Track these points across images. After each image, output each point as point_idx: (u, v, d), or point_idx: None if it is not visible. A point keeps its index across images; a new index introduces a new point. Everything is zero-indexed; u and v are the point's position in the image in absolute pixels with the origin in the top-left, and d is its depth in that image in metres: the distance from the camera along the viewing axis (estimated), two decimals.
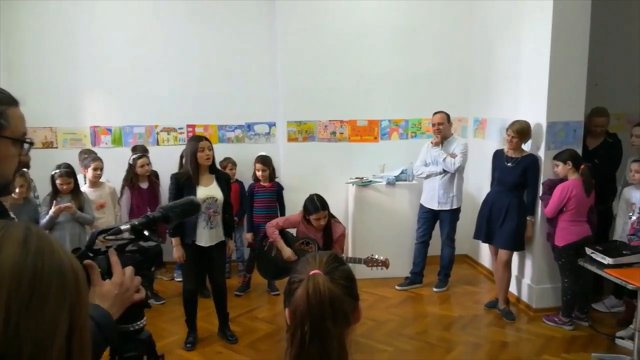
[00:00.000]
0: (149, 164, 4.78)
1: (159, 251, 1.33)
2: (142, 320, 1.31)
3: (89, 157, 4.64)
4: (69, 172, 4.09)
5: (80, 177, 4.67)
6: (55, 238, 0.74)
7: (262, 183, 5.01)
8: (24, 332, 0.63)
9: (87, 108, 5.60)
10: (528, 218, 4.39)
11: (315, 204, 3.95)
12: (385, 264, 3.93)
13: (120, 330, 1.27)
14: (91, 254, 1.25)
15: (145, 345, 1.31)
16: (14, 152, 1.22)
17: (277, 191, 5.06)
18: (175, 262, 5.27)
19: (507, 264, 4.46)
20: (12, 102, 1.24)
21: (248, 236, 5.01)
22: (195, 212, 1.52)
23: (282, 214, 4.95)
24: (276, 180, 5.14)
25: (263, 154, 5.15)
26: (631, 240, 4.07)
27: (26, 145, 1.25)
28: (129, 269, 1.23)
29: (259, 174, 4.99)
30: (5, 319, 0.62)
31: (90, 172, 4.50)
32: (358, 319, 1.17)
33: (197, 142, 3.83)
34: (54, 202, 4.02)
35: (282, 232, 4.18)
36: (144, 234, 1.33)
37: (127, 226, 1.30)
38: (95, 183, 4.55)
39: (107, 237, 1.28)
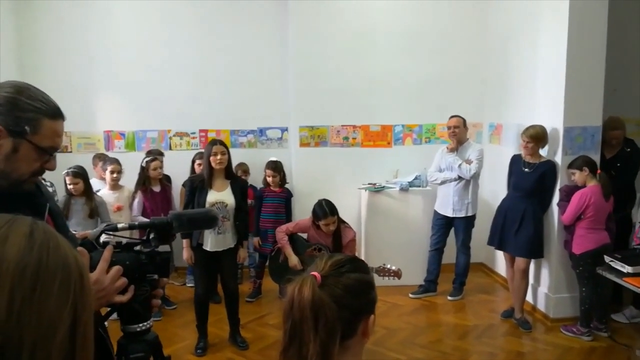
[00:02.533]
0: (161, 167, 4.80)
1: (166, 258, 1.32)
2: (148, 322, 1.31)
3: (107, 160, 4.68)
4: (76, 173, 4.13)
5: (95, 181, 4.72)
6: (60, 234, 0.74)
7: (272, 188, 4.99)
8: (25, 323, 0.63)
9: (101, 112, 5.65)
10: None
11: (324, 210, 3.92)
12: (397, 274, 3.88)
13: (127, 331, 1.28)
14: (98, 247, 1.26)
15: (151, 347, 1.31)
16: (34, 157, 1.27)
17: (287, 197, 5.04)
18: (187, 267, 5.30)
19: (525, 272, 4.36)
20: (52, 115, 1.29)
21: (255, 241, 5.00)
22: (210, 226, 1.49)
23: (289, 220, 4.92)
24: (286, 186, 5.11)
25: (274, 159, 5.14)
26: None
27: (46, 156, 1.30)
28: (115, 269, 1.22)
29: (269, 179, 4.98)
30: (8, 308, 0.63)
31: (108, 175, 4.54)
32: (364, 334, 1.09)
33: (211, 146, 3.84)
34: (68, 205, 4.08)
35: (294, 237, 4.15)
36: (150, 237, 1.32)
37: (125, 225, 1.30)
38: (114, 186, 4.59)
39: (104, 233, 1.29)
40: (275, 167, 4.98)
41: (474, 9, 5.53)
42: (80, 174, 4.15)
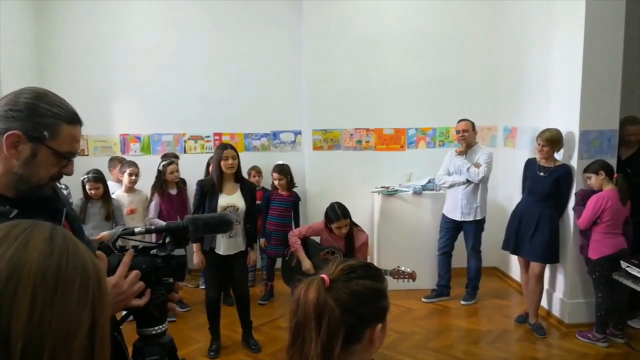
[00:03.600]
0: (177, 170, 4.84)
1: (182, 262, 1.34)
2: (163, 325, 1.32)
3: (126, 162, 4.74)
4: (97, 178, 4.20)
5: (111, 184, 4.78)
6: (78, 239, 0.76)
7: (280, 191, 4.99)
8: (47, 325, 0.65)
9: (117, 116, 5.73)
10: None
11: (337, 212, 3.94)
12: (412, 276, 3.87)
13: (143, 334, 1.30)
14: (115, 250, 1.28)
15: (166, 350, 1.33)
16: (52, 162, 1.29)
17: (294, 201, 5.02)
18: (200, 270, 5.34)
19: (540, 277, 4.32)
20: (70, 120, 1.31)
21: (261, 241, 5.03)
22: (224, 230, 1.50)
23: (297, 224, 4.94)
24: (294, 190, 5.09)
25: (280, 162, 5.14)
26: None
27: (64, 161, 1.32)
28: (133, 274, 1.24)
29: (275, 182, 4.96)
30: (30, 311, 0.64)
31: (126, 178, 4.60)
32: (371, 343, 1.08)
33: (222, 150, 3.87)
34: (85, 209, 4.14)
35: (307, 241, 4.16)
36: (166, 241, 1.34)
37: (142, 229, 1.33)
38: (130, 188, 4.65)
39: (121, 237, 1.31)
40: (281, 170, 4.98)
41: (487, 11, 5.50)
42: (100, 178, 4.23)
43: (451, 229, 4.93)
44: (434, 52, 5.52)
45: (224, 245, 3.86)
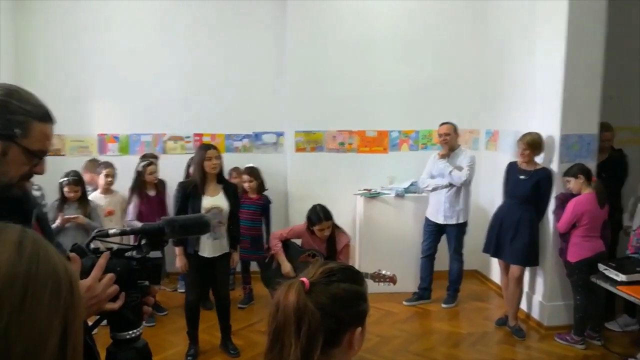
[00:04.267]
0: (157, 171, 4.75)
1: (158, 264, 1.30)
2: (138, 329, 1.29)
3: (102, 163, 4.64)
4: (76, 180, 4.12)
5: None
6: (49, 243, 0.73)
7: (249, 195, 4.90)
8: (14, 334, 0.62)
9: (95, 115, 5.61)
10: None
11: (319, 215, 3.91)
12: (392, 280, 3.86)
13: (117, 338, 1.27)
14: (89, 252, 1.24)
15: (141, 355, 1.29)
16: (23, 160, 1.26)
17: (264, 204, 4.95)
18: (179, 273, 5.25)
19: (520, 280, 4.35)
20: (43, 118, 1.27)
21: None
22: (202, 232, 1.46)
23: (268, 228, 4.89)
24: (265, 193, 5.03)
25: (251, 165, 5.08)
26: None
27: (35, 160, 1.29)
28: (108, 277, 1.21)
29: (245, 185, 4.86)
30: None
31: (102, 179, 4.50)
32: (351, 347, 1.07)
33: (204, 150, 3.80)
34: (61, 211, 4.04)
35: (288, 243, 4.12)
36: (142, 243, 1.31)
37: (116, 230, 1.31)
38: (107, 190, 4.55)
39: (95, 238, 1.29)
40: (252, 172, 4.92)
41: (471, 16, 5.54)
42: (79, 181, 4.14)
43: (434, 232, 4.94)
44: (418, 55, 5.54)
45: (208, 248, 3.79)
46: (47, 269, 0.67)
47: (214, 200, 3.79)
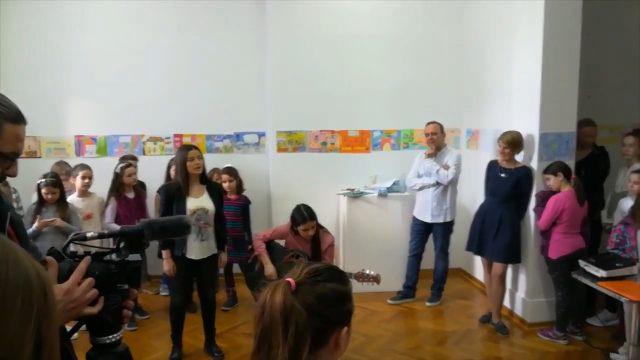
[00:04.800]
0: (136, 173, 4.67)
1: (137, 267, 1.28)
2: (119, 333, 1.26)
3: (79, 165, 4.54)
4: (54, 182, 4.04)
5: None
6: (20, 247, 0.69)
7: (228, 196, 4.83)
8: None
9: (71, 117, 5.50)
10: None
11: (303, 215, 3.88)
12: (376, 279, 3.85)
13: (97, 342, 1.24)
14: (66, 256, 1.22)
15: (122, 359, 1.26)
16: None
17: (244, 205, 4.92)
18: (160, 276, 5.17)
19: (502, 277, 4.39)
20: (14, 119, 1.25)
21: None
22: (182, 234, 1.44)
23: (247, 229, 4.86)
24: (244, 194, 4.99)
25: (229, 165, 5.04)
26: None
27: (8, 162, 1.26)
28: (87, 281, 1.18)
29: (225, 185, 4.80)
30: None
31: (78, 181, 4.39)
32: (337, 346, 1.07)
33: (186, 151, 3.74)
34: (39, 214, 3.94)
35: (271, 245, 4.09)
36: (121, 246, 1.28)
37: (94, 234, 1.28)
38: (84, 192, 4.44)
39: (73, 242, 1.26)
40: (231, 172, 4.88)
41: (451, 16, 5.57)
42: (57, 182, 4.06)
43: (421, 231, 4.96)
44: (399, 55, 5.55)
45: (196, 250, 3.74)
46: (18, 276, 0.63)
47: (199, 202, 3.74)
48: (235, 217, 4.80)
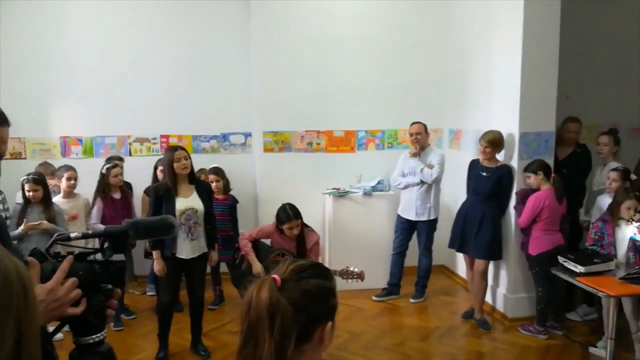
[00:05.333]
0: (122, 173, 4.66)
1: (121, 267, 1.28)
2: (102, 333, 1.26)
3: (63, 167, 4.53)
4: (37, 179, 4.01)
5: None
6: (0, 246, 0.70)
7: (215, 196, 4.82)
8: None
9: (56, 118, 5.48)
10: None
11: (288, 213, 3.93)
12: (360, 276, 3.90)
13: (80, 343, 1.24)
14: (49, 257, 1.22)
15: (105, 358, 1.26)
16: None
17: (231, 204, 4.96)
18: (147, 276, 5.19)
19: (484, 274, 4.48)
20: None
21: None
22: (166, 234, 1.45)
23: (235, 228, 4.89)
24: (230, 193, 5.03)
25: (215, 165, 5.07)
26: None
27: None
28: (71, 281, 1.18)
29: (213, 185, 4.81)
30: None
31: (64, 182, 4.39)
32: (321, 341, 1.09)
33: (172, 152, 3.77)
34: (24, 216, 3.93)
35: (257, 244, 4.13)
36: (105, 246, 1.29)
37: (78, 234, 1.27)
38: (69, 193, 4.44)
39: (56, 242, 1.25)
40: (218, 172, 4.92)
41: (433, 18, 5.65)
42: (40, 180, 4.03)
43: (406, 229, 5.03)
44: (382, 56, 5.61)
45: (186, 249, 3.77)
46: None
47: (188, 202, 3.77)
48: (223, 217, 4.82)
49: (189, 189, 3.82)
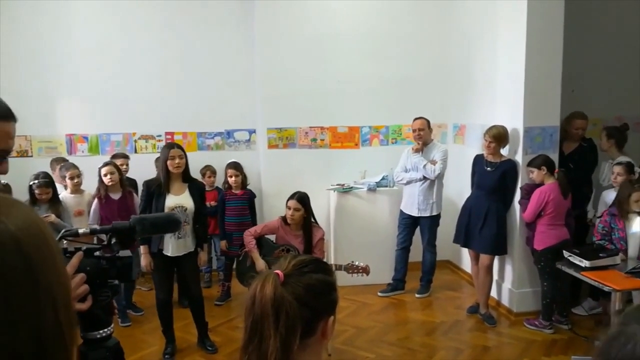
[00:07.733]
0: (114, 172, 4.41)
1: (127, 263, 1.29)
2: (109, 328, 1.28)
3: (64, 166, 4.54)
4: (47, 183, 4.06)
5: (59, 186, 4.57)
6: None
7: (234, 190, 4.92)
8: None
9: (62, 115, 5.51)
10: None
11: (294, 194, 4.03)
12: (365, 270, 3.92)
13: (88, 337, 1.25)
14: None
15: (112, 353, 1.28)
16: None
17: (249, 199, 5.00)
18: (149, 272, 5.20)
19: (489, 269, 4.48)
20: (4, 116, 1.23)
21: (222, 244, 4.95)
22: (172, 230, 1.47)
23: (254, 221, 4.91)
24: (248, 187, 5.08)
25: (234, 160, 5.10)
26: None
27: None
28: (79, 277, 1.20)
29: (231, 180, 4.90)
30: None
31: (68, 182, 4.42)
32: (324, 335, 1.11)
33: (168, 149, 3.80)
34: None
35: (262, 240, 4.15)
36: (112, 242, 1.31)
37: (86, 230, 1.28)
38: (76, 190, 4.47)
39: (64, 238, 1.26)
40: (237, 167, 4.95)
41: (438, 12, 5.63)
42: (50, 183, 4.07)
43: (409, 224, 5.03)
44: (386, 52, 5.60)
45: (172, 246, 3.79)
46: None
47: (178, 199, 3.79)
48: (242, 212, 4.89)
49: (181, 187, 3.84)
